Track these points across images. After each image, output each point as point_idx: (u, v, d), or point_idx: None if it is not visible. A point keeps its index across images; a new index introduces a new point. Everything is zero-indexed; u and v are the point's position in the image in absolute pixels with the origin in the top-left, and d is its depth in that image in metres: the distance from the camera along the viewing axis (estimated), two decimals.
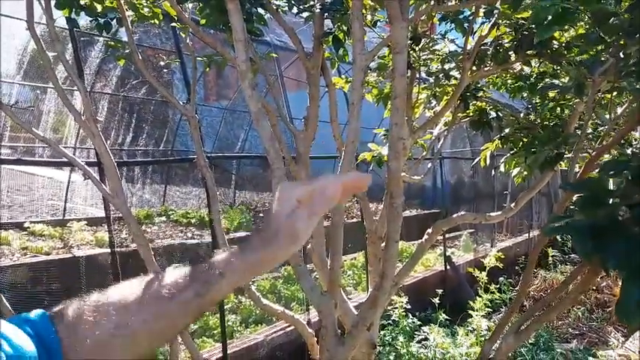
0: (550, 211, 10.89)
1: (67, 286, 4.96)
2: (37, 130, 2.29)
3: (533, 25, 2.15)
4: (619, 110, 2.17)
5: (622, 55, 1.47)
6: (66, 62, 2.17)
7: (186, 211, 8.29)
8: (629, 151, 3.19)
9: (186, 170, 10.50)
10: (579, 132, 2.17)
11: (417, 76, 3.19)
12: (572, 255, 8.35)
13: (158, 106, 9.96)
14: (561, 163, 2.65)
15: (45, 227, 6.40)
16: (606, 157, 2.32)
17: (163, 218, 7.88)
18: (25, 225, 6.48)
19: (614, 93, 1.85)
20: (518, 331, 1.59)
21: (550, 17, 1.19)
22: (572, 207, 1.21)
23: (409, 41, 2.85)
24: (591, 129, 2.65)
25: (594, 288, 6.34)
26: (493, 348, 1.72)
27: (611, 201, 1.10)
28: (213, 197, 2.42)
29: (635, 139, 3.23)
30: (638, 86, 1.44)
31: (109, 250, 5.54)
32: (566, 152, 1.95)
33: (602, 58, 1.73)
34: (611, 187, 1.17)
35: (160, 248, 6.02)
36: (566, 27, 2.44)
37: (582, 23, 2.25)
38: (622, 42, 1.32)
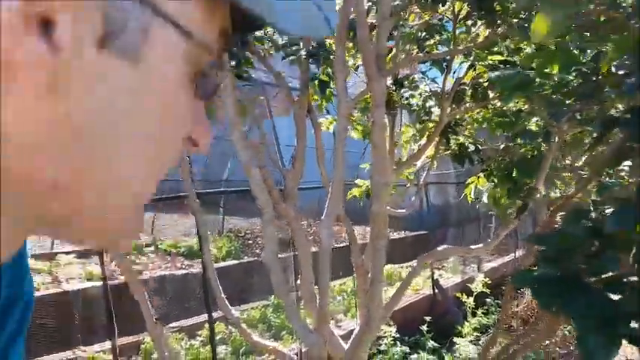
0: (534, 231, 11.04)
1: (56, 321, 4.95)
2: None
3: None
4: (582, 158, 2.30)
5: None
6: None
7: (176, 241, 8.29)
8: (606, 179, 3.31)
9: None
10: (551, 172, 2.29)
11: (400, 113, 3.33)
12: None
13: None
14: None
15: (33, 261, 6.38)
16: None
17: (152, 248, 7.87)
18: None
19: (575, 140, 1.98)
20: None
21: (514, 85, 1.32)
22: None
23: (392, 85, 2.99)
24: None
25: None
26: None
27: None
28: (205, 238, 2.49)
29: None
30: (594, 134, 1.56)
31: (98, 284, 5.55)
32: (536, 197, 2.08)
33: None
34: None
35: (149, 280, 6.02)
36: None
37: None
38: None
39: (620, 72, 1.42)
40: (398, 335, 4.85)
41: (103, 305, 3.71)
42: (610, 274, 1.13)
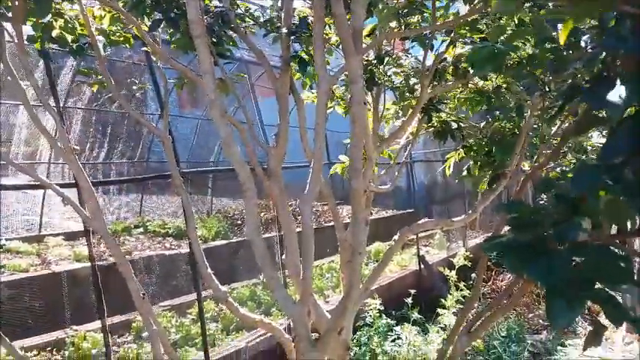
0: None
1: (47, 302, 5.00)
2: (10, 143, 2.37)
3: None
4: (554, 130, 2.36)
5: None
6: (40, 93, 2.26)
7: (164, 222, 8.32)
8: (583, 157, 3.39)
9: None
10: (529, 146, 2.34)
11: (384, 89, 3.36)
12: None
13: (133, 118, 9.94)
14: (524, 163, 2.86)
15: (20, 244, 6.39)
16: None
17: (141, 229, 7.89)
18: (1, 243, 6.46)
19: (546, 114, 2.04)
20: (471, 332, 1.76)
21: (484, 57, 1.36)
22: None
23: (374, 60, 3.01)
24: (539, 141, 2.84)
25: None
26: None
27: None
28: (190, 216, 2.53)
29: (591, 146, 3.44)
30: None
31: (88, 265, 5.59)
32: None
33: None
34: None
35: (139, 261, 6.07)
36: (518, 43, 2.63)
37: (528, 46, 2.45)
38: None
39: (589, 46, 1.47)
40: (385, 309, 4.96)
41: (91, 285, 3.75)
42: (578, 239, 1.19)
